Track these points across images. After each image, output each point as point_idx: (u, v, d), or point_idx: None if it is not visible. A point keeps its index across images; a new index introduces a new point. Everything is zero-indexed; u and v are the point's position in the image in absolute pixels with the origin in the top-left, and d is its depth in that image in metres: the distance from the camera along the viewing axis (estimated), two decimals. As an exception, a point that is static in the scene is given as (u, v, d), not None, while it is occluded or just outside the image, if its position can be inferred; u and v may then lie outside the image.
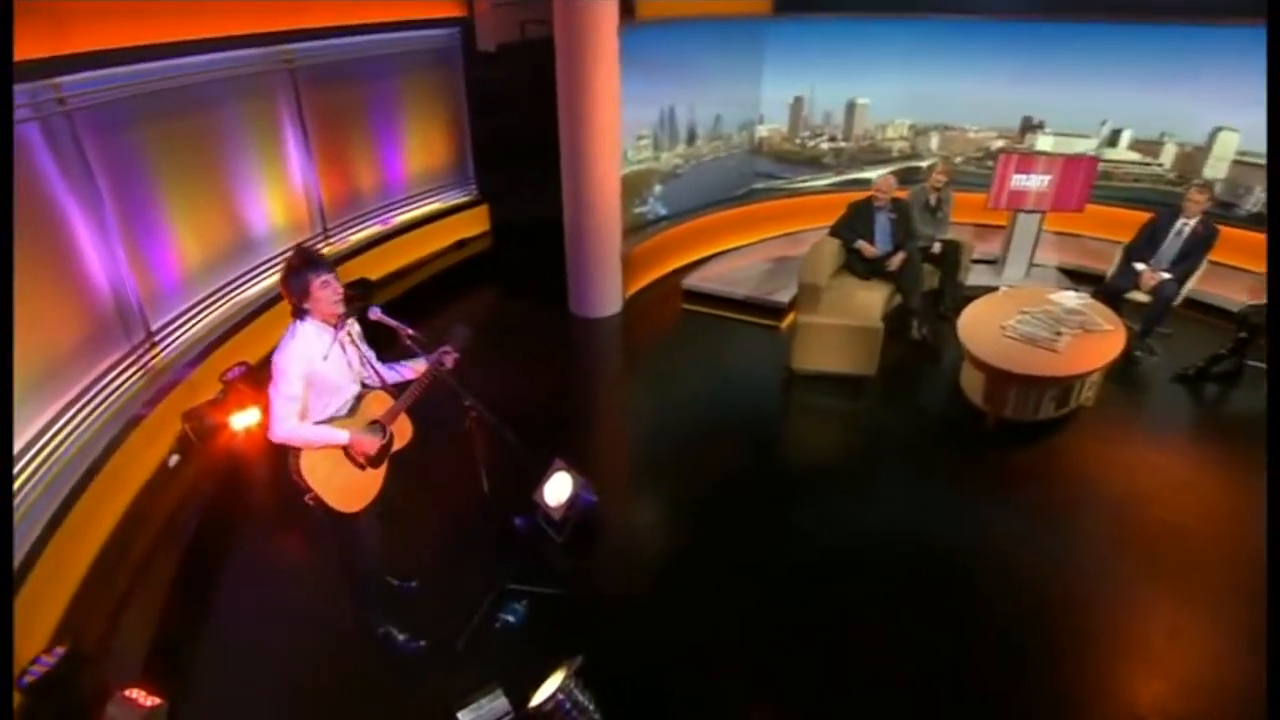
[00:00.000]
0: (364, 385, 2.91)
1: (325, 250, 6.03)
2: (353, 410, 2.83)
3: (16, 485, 3.21)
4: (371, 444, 2.81)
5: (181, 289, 4.56)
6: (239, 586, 3.53)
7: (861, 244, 5.61)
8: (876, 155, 7.49)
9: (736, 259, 6.97)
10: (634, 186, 6.38)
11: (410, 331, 2.86)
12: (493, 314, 6.43)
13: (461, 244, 7.16)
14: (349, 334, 2.83)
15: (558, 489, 3.74)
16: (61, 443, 3.54)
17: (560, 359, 5.61)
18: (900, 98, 7.23)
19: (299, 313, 2.67)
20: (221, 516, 3.89)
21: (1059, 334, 4.65)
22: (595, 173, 5.68)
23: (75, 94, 3.72)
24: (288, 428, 2.63)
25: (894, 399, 5.06)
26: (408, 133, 6.72)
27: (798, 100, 7.27)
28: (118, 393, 4.01)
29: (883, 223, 5.66)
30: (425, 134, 6.90)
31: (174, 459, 4.09)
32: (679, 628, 3.25)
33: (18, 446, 3.30)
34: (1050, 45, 6.65)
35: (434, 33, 6.57)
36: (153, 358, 4.33)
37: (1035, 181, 6.23)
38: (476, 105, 7.13)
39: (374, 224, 6.52)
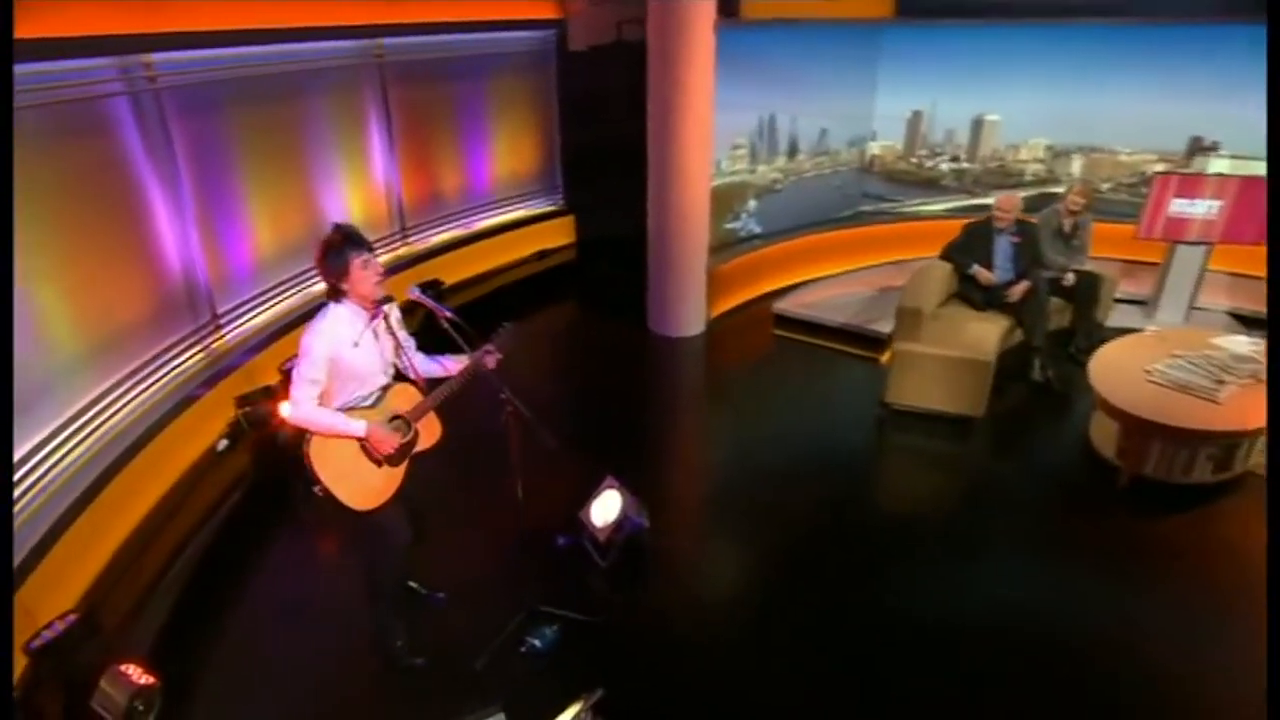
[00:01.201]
0: (396, 377, 2.90)
1: (402, 251, 6.27)
2: (378, 401, 2.81)
3: (66, 448, 3.42)
4: (389, 441, 2.75)
5: (251, 276, 4.80)
6: (266, 581, 3.58)
7: (977, 269, 5.23)
8: (1006, 179, 7.04)
9: (835, 286, 6.70)
10: (725, 199, 6.29)
11: (448, 314, 2.83)
12: (568, 327, 6.54)
13: (543, 255, 7.26)
14: (386, 320, 2.82)
15: (605, 508, 3.61)
16: (115, 413, 3.74)
17: (634, 378, 5.59)
18: (1037, 114, 6.79)
19: (334, 293, 2.67)
20: (262, 508, 3.98)
21: (1221, 382, 4.10)
22: (683, 181, 5.64)
23: (166, 72, 4.01)
24: (303, 410, 2.62)
25: (1006, 446, 4.62)
26: (495, 136, 6.91)
27: (916, 115, 6.99)
28: (176, 370, 4.21)
29: (1004, 247, 5.26)
30: (513, 138, 7.08)
31: (223, 444, 4.24)
32: (723, 681, 2.99)
33: (75, 408, 3.51)
34: (1228, 52, 6.03)
35: (528, 34, 6.77)
36: (215, 340, 4.53)
37: (1201, 208, 5.61)
38: (568, 112, 7.27)
39: (454, 228, 6.73)
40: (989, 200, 7.04)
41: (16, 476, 3.11)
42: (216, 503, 3.87)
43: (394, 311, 2.90)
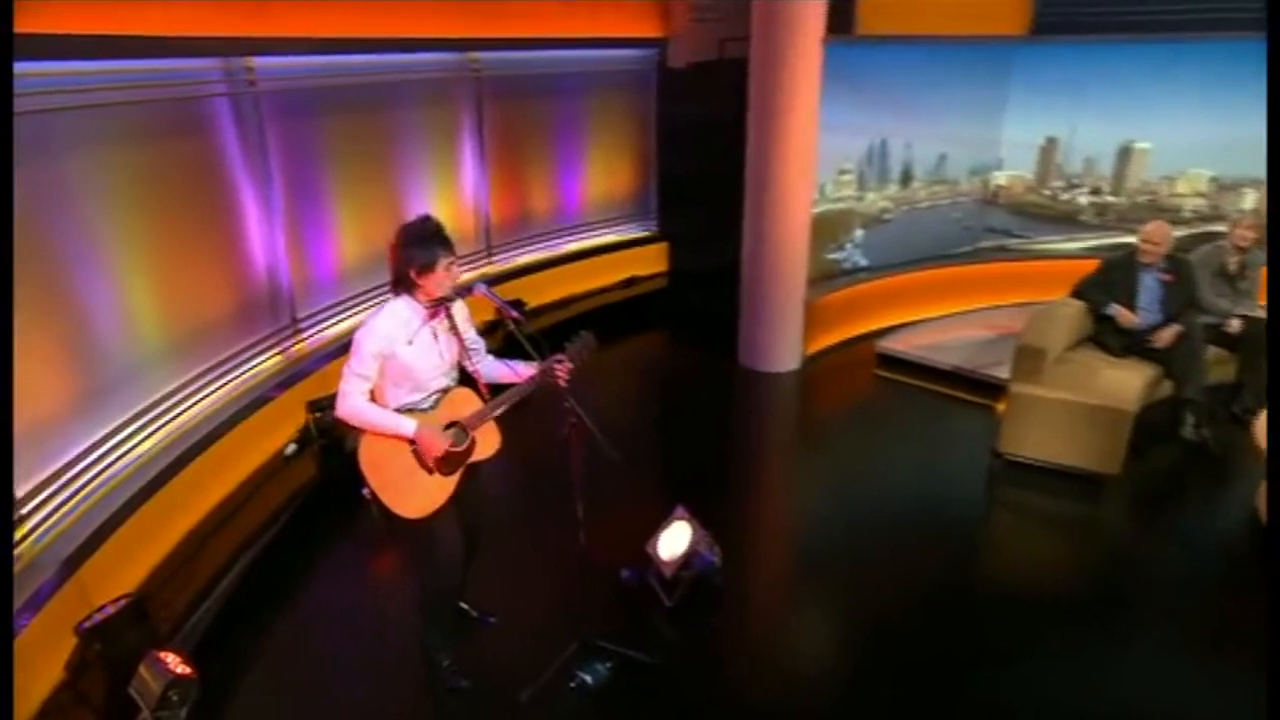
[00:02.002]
0: (457, 381, 2.93)
1: (486, 269, 6.49)
2: (436, 404, 2.83)
3: (140, 436, 3.67)
4: (438, 445, 2.75)
5: (333, 283, 5.07)
6: (318, 590, 3.68)
7: (1117, 309, 4.86)
8: (1158, 215, 6.59)
9: (949, 327, 6.44)
10: (828, 228, 6.21)
11: (515, 315, 2.86)
12: (654, 356, 6.62)
13: (630, 282, 7.35)
14: (450, 319, 2.86)
15: (674, 540, 3.52)
16: (190, 407, 3.99)
17: (720, 411, 5.56)
18: (1198, 142, 6.34)
19: (400, 284, 2.72)
20: (323, 516, 4.11)
21: None
22: (782, 206, 5.61)
23: (267, 77, 4.35)
24: (350, 404, 2.67)
25: (1151, 513, 4.21)
26: (589, 157, 7.11)
27: (1050, 142, 6.70)
28: (252, 371, 4.46)
29: (1150, 285, 4.88)
30: (608, 160, 7.26)
31: (291, 448, 4.44)
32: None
33: (153, 398, 3.78)
34: None
35: (629, 53, 6.98)
36: (294, 344, 4.80)
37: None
38: (667, 134, 7.40)
39: (541, 249, 6.92)
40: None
41: (92, 458, 3.35)
42: (279, 507, 4.01)
43: (461, 309, 2.95)
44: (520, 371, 2.98)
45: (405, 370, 2.74)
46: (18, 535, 2.92)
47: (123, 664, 2.71)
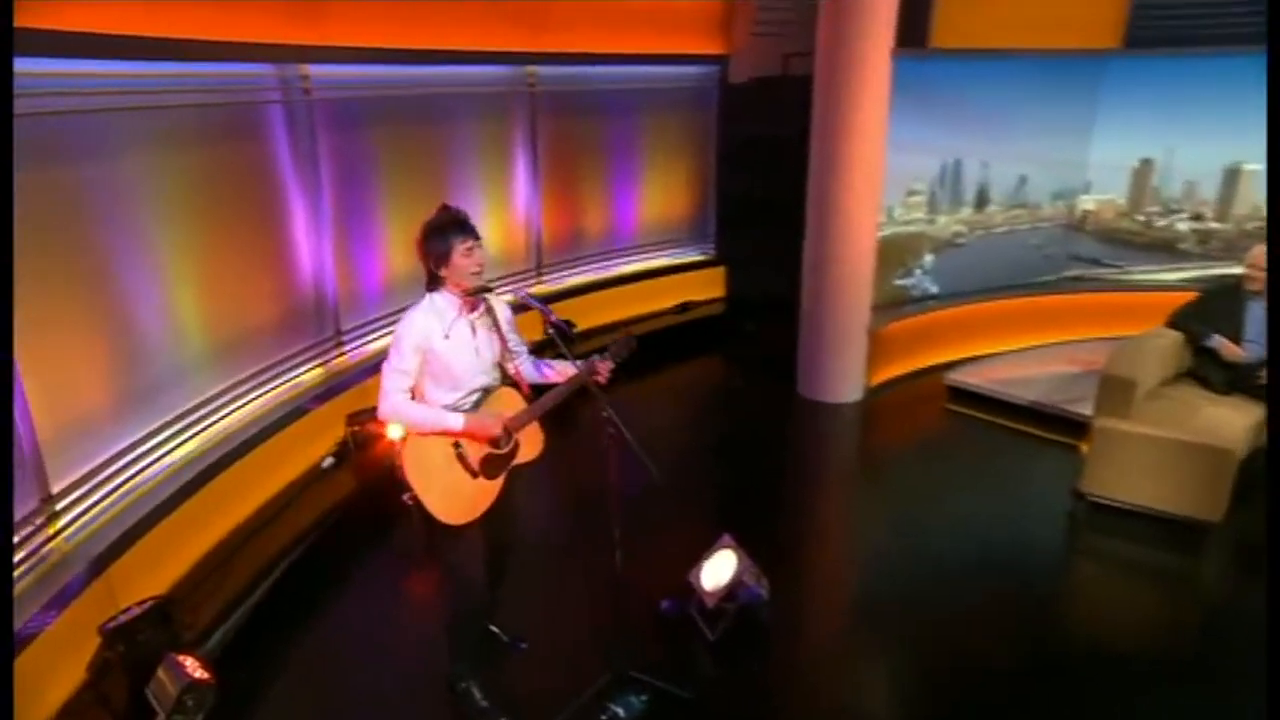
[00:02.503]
0: (499, 381, 2.96)
1: (536, 289, 6.58)
2: (476, 405, 2.87)
3: (178, 440, 3.79)
4: (490, 425, 2.79)
5: (379, 296, 5.20)
6: (347, 606, 3.73)
7: (1221, 341, 4.62)
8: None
9: (1027, 361, 6.27)
10: (896, 252, 6.13)
11: (554, 318, 2.87)
12: (708, 383, 6.65)
13: (684, 308, 7.36)
14: (492, 316, 2.92)
15: (718, 569, 3.45)
16: (230, 413, 4.11)
17: (776, 441, 5.53)
18: (1315, 164, 6.05)
19: (432, 280, 2.79)
20: (357, 531, 4.18)
21: None
22: (846, 228, 5.59)
23: (321, 85, 4.55)
24: (392, 402, 2.72)
25: (1255, 568, 3.93)
26: (646, 177, 7.20)
27: (1145, 164, 6.50)
28: (293, 381, 4.59)
29: (1257, 316, 4.61)
30: (665, 181, 7.34)
31: (328, 461, 4.52)
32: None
33: (193, 403, 3.91)
34: None
35: (689, 70, 7.08)
36: (336, 356, 4.93)
37: None
38: (727, 155, 7.46)
39: (593, 270, 6.99)
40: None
41: (130, 458, 3.47)
42: (314, 520, 4.08)
43: (503, 310, 3.00)
44: (562, 372, 3.03)
45: (444, 366, 2.78)
46: (50, 530, 3.02)
47: (144, 666, 2.77)
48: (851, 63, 5.28)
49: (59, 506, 3.08)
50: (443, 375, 2.81)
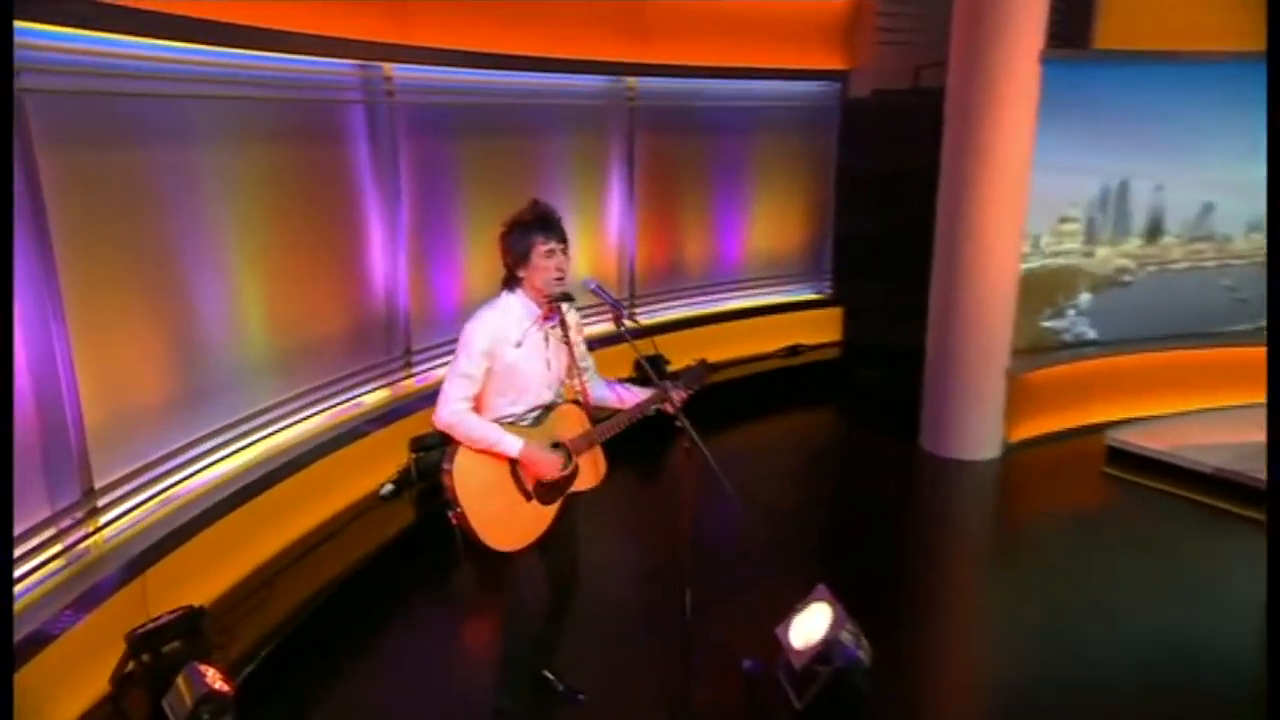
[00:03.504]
0: (562, 397, 2.98)
1: (627, 323, 6.60)
2: (538, 421, 2.87)
3: (231, 448, 3.91)
4: (550, 464, 2.80)
5: (455, 318, 5.28)
6: (392, 642, 3.77)
7: None
8: None
9: (1211, 422, 5.88)
10: (1043, 288, 5.88)
11: (628, 313, 2.89)
12: (819, 435, 6.61)
13: (795, 351, 7.30)
14: (564, 327, 2.94)
15: (810, 625, 3.28)
16: (287, 427, 4.22)
17: (893, 499, 5.39)
18: None
19: (509, 280, 2.84)
20: (412, 565, 4.24)
21: None
22: (983, 257, 5.45)
23: (405, 88, 4.76)
24: (452, 410, 2.73)
25: None
26: (755, 204, 7.21)
27: (1361, 192, 5.96)
28: (356, 399, 4.70)
29: None
30: (777, 209, 7.33)
31: (387, 489, 4.59)
32: None
33: (248, 411, 4.03)
34: None
35: (806, 87, 7.10)
36: (403, 377, 5.04)
37: None
38: (848, 182, 7.39)
39: (692, 304, 6.98)
40: None
41: (177, 461, 3.62)
42: (366, 550, 4.13)
43: (574, 316, 3.01)
44: (626, 398, 3.05)
45: (509, 375, 2.80)
46: (89, 526, 3.16)
47: (169, 676, 2.81)
48: (991, 69, 5.18)
49: (100, 503, 3.21)
50: (506, 385, 2.83)
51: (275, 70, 4.00)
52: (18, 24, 2.77)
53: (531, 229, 2.78)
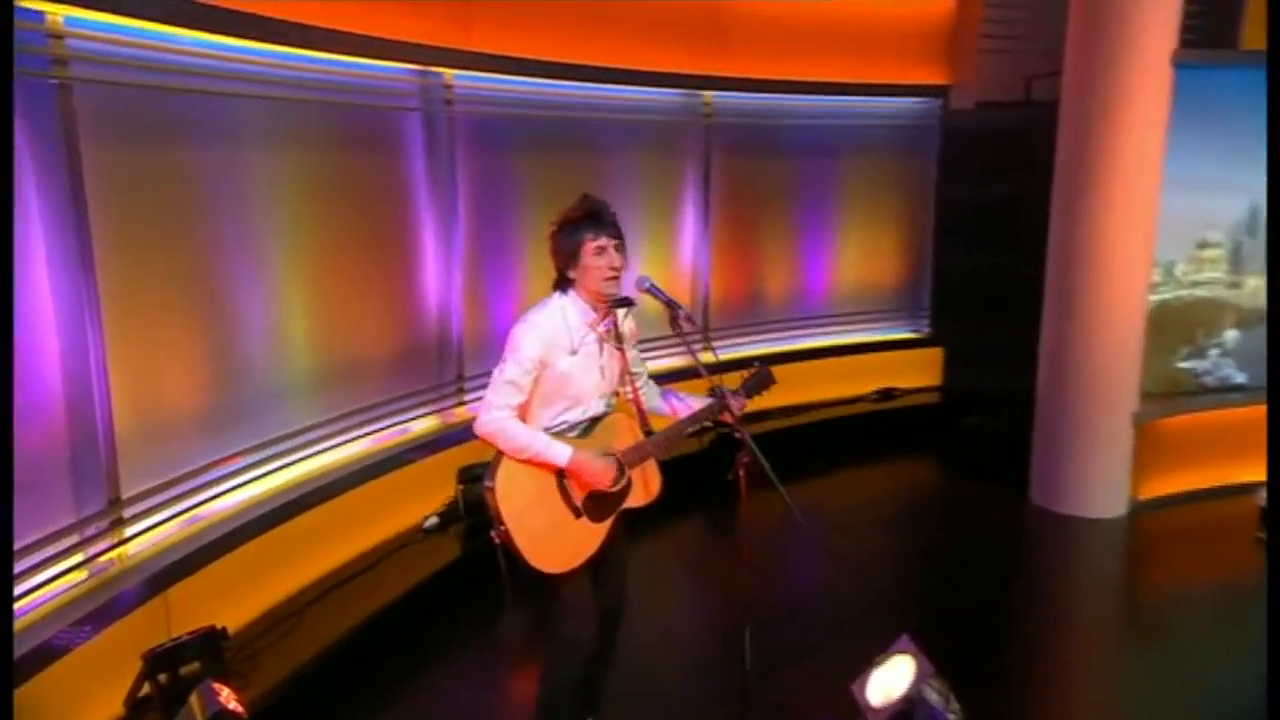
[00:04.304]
0: (613, 407, 3.00)
1: (703, 358, 6.60)
2: (587, 432, 2.89)
3: (267, 467, 4.03)
4: (603, 474, 2.80)
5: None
6: (428, 688, 3.78)
7: None
8: None
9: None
10: (1180, 323, 5.69)
11: (684, 312, 2.90)
12: (914, 485, 6.54)
13: (888, 395, 7.24)
14: (617, 332, 2.97)
15: (891, 680, 3.15)
16: (324, 450, 4.32)
17: (996, 556, 5.22)
18: None
19: (561, 281, 2.89)
20: (455, 606, 4.25)
21: None
22: (1103, 288, 5.32)
23: (465, 98, 4.92)
24: (495, 417, 2.75)
25: None
26: (844, 231, 7.21)
27: None
28: (402, 425, 4.80)
29: None
30: (868, 238, 7.31)
31: (431, 521, 4.64)
32: None
33: (286, 430, 4.14)
34: None
35: (901, 103, 7.11)
36: (455, 404, 5.12)
37: None
38: (949, 210, 7.34)
39: (771, 340, 6.96)
40: None
41: (209, 477, 3.73)
42: (405, 586, 4.16)
43: (628, 322, 3.03)
44: (680, 409, 3.09)
45: (561, 383, 2.83)
46: (113, 537, 3.28)
47: (186, 698, 2.85)
48: (1115, 74, 5.09)
49: (126, 513, 3.33)
50: (555, 395, 2.86)
51: (329, 73, 4.20)
52: (66, 11, 3.01)
53: (580, 225, 2.81)
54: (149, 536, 3.44)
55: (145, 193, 3.45)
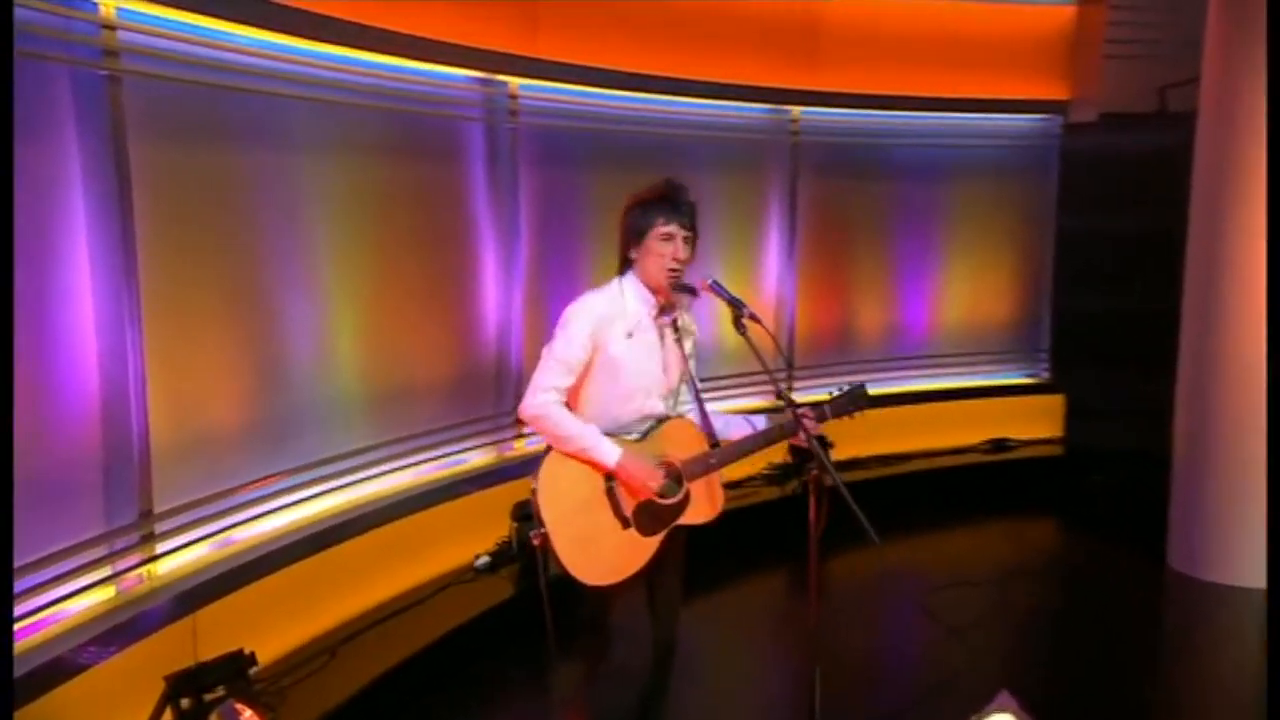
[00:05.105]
0: (675, 412, 3.06)
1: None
2: (646, 435, 2.94)
3: (306, 491, 4.12)
4: (649, 480, 2.82)
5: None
6: None
7: None
8: None
9: None
10: None
11: (750, 311, 2.95)
12: (1029, 544, 6.36)
13: (1001, 445, 7.12)
14: (679, 329, 3.03)
15: None
16: (369, 476, 4.41)
17: (1126, 623, 5.06)
18: None
19: (623, 263, 3.01)
20: (505, 654, 4.25)
21: None
22: (1246, 333, 5.13)
23: (531, 109, 5.07)
24: (541, 400, 2.83)
25: None
26: (948, 262, 7.16)
27: None
28: (455, 455, 4.88)
29: None
30: (977, 269, 7.25)
31: (482, 561, 4.69)
32: None
33: (328, 453, 4.22)
34: None
35: (1014, 120, 7.06)
36: (513, 437, 5.19)
37: None
38: (1071, 241, 7.23)
39: (867, 380, 6.83)
40: None
41: (244, 497, 3.85)
42: (450, 628, 4.19)
43: (690, 322, 3.08)
44: (744, 429, 3.10)
45: (615, 372, 2.89)
46: (143, 553, 3.40)
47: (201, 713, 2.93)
48: (1260, 79, 4.91)
49: (158, 528, 3.45)
50: (609, 385, 2.91)
51: (388, 77, 4.37)
52: (119, 2, 3.22)
53: (655, 206, 2.92)
54: (181, 555, 3.55)
55: (193, 195, 3.63)
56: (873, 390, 6.94)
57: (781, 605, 5.27)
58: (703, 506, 2.96)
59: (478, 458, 5.01)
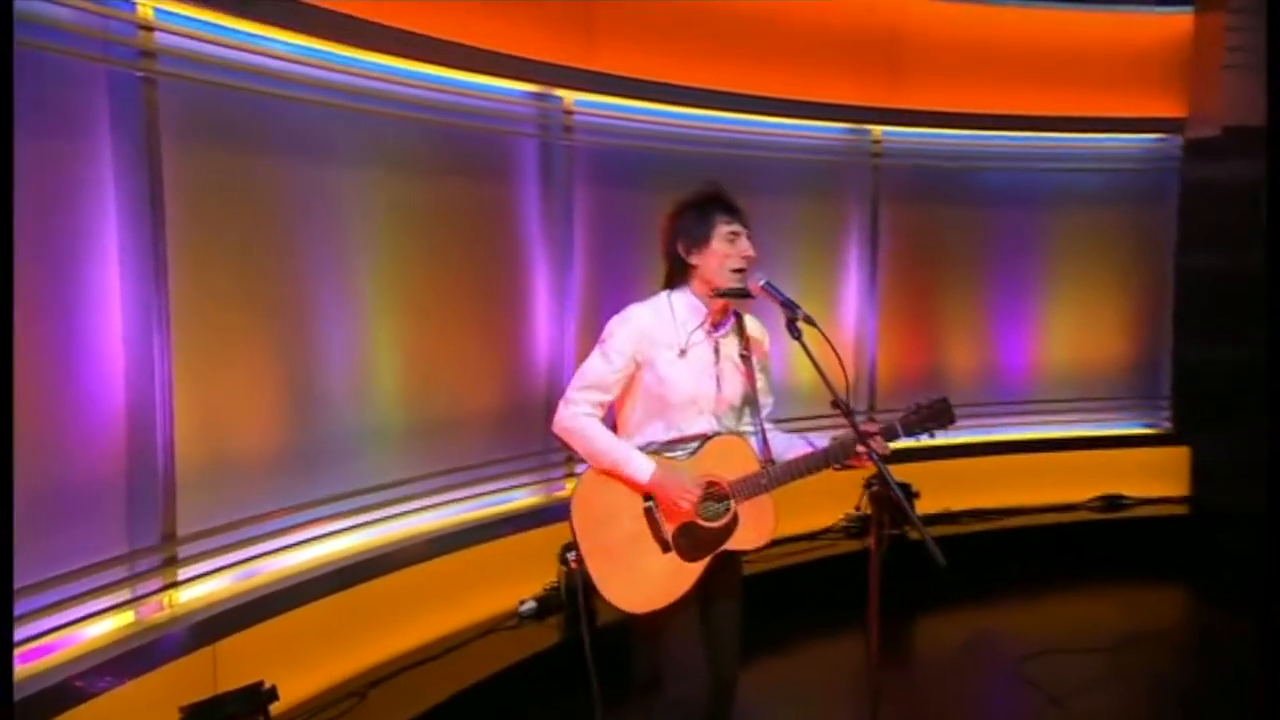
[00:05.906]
0: (726, 430, 3.05)
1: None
2: (694, 453, 2.96)
3: (341, 523, 4.24)
4: (683, 494, 2.83)
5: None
6: None
7: None
8: None
9: None
10: None
11: (805, 313, 2.94)
12: (1146, 610, 6.21)
13: (1115, 503, 7.00)
14: (740, 342, 3.07)
15: None
16: (407, 511, 4.50)
17: (1263, 705, 4.83)
18: None
19: (674, 275, 3.04)
20: (548, 707, 4.29)
21: None
22: None
23: (587, 125, 5.20)
24: (572, 414, 2.92)
25: None
26: (1050, 299, 7.10)
27: None
28: (500, 491, 4.96)
29: None
30: (1084, 307, 7.17)
31: (528, 606, 4.74)
32: None
33: (363, 484, 4.31)
34: None
35: (1127, 141, 7.02)
36: (565, 476, 5.26)
37: None
38: (1194, 278, 7.13)
39: (958, 429, 6.74)
40: None
41: (272, 526, 3.96)
42: (488, 673, 4.25)
43: (757, 328, 3.15)
44: (812, 446, 3.07)
45: (662, 390, 2.92)
46: (164, 578, 3.53)
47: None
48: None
49: (180, 552, 3.58)
50: (655, 405, 2.96)
51: (436, 89, 4.55)
52: (156, 3, 3.44)
53: (713, 206, 2.99)
54: (203, 582, 3.67)
55: (228, 204, 3.81)
56: (966, 438, 7.01)
57: (859, 665, 5.19)
58: (750, 532, 2.95)
59: (525, 496, 5.09)
